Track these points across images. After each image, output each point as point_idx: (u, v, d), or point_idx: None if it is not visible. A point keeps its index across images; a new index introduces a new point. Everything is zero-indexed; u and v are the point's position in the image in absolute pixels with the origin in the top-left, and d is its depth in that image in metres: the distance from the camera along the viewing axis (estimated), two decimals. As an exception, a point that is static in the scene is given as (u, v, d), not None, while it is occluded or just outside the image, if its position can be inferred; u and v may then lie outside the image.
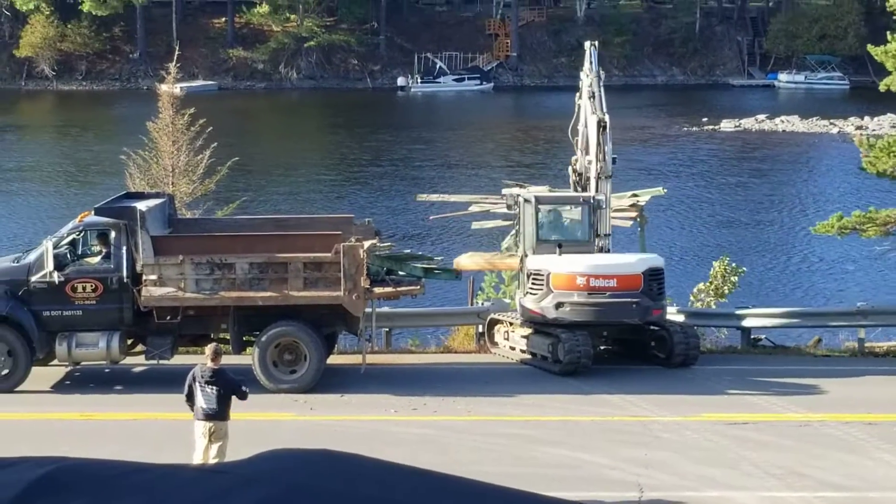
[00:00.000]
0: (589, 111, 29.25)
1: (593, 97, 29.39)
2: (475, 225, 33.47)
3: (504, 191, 31.55)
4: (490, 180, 63.98)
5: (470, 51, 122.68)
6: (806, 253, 50.48)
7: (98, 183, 63.66)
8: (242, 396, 19.35)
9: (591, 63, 30.23)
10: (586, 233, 28.28)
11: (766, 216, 59.69)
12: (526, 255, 28.06)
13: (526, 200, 28.31)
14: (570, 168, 31.14)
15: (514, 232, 29.89)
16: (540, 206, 28.24)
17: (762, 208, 61.79)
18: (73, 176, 71.91)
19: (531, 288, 27.58)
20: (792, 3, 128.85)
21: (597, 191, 28.44)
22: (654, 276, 27.56)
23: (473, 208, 31.83)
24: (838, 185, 68.07)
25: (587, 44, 31.01)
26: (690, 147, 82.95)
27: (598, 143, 28.46)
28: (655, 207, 59.68)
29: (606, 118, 28.80)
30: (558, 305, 26.95)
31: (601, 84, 29.71)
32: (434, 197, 35.77)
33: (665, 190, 34.85)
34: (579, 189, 29.87)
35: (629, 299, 27.09)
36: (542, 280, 27.29)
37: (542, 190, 31.58)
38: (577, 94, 30.95)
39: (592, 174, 28.58)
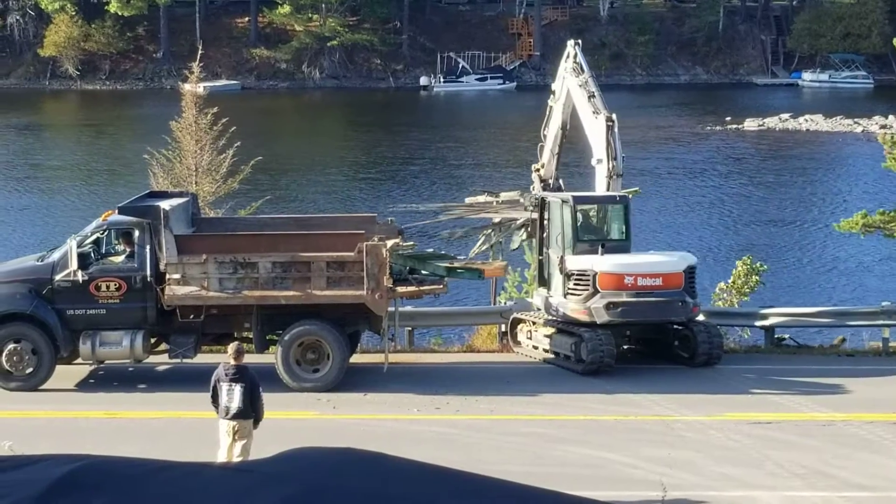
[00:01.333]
0: (589, 111, 29.12)
1: (593, 97, 29.28)
2: (446, 233, 33.51)
3: (468, 199, 31.52)
4: (516, 179, 63.96)
5: (493, 50, 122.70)
6: (830, 252, 50.33)
7: (122, 182, 63.86)
8: (258, 402, 19.20)
9: (577, 62, 30.07)
10: (623, 232, 28.14)
11: (790, 215, 59.53)
12: (563, 257, 27.67)
13: (564, 201, 27.94)
14: (534, 174, 30.98)
15: (523, 234, 29.92)
16: (578, 207, 28.00)
17: (786, 207, 61.62)
18: (97, 175, 72.14)
19: (573, 289, 27.25)
20: (816, 1, 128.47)
21: (608, 190, 28.37)
22: (690, 274, 27.63)
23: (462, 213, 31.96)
24: (862, 183, 67.82)
25: (570, 42, 30.81)
26: (714, 146, 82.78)
27: (608, 143, 28.36)
28: (679, 206, 59.69)
29: (614, 116, 28.76)
30: (609, 306, 26.74)
31: (596, 82, 29.70)
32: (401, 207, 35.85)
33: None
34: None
35: (675, 298, 27.14)
36: (588, 280, 27.02)
37: (513, 195, 31.49)
38: (552, 97, 30.79)
39: (603, 174, 28.46)
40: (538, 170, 31.02)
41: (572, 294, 27.24)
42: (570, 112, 30.23)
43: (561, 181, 30.84)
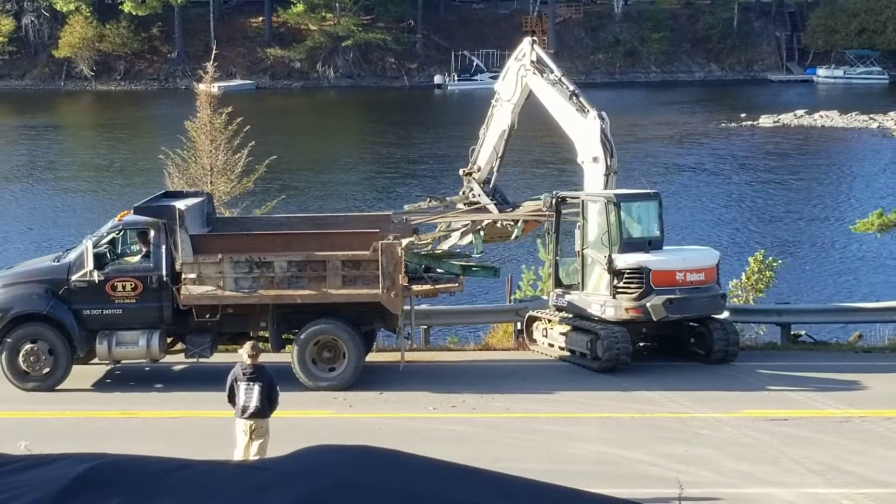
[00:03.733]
0: (572, 110, 28.93)
1: (576, 95, 29.12)
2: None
3: (406, 206, 31.21)
4: (524, 176, 63.88)
5: (507, 48, 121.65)
6: (845, 248, 50.20)
7: (137, 182, 63.95)
8: (275, 400, 19.21)
9: (534, 60, 29.87)
10: (658, 228, 28.05)
11: (806, 212, 59.39)
12: (610, 256, 27.09)
13: (608, 200, 27.58)
14: (467, 177, 30.57)
15: (549, 232, 29.71)
16: (623, 205, 27.67)
17: (801, 204, 61.49)
18: (112, 175, 72.25)
19: (624, 287, 26.97)
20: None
21: (605, 187, 28.24)
22: (717, 268, 27.84)
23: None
24: (878, 179, 67.68)
25: (527, 40, 30.53)
26: (729, 143, 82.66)
27: (603, 142, 28.22)
28: (692, 202, 59.58)
29: (603, 113, 28.69)
30: (667, 302, 26.66)
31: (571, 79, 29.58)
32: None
33: None
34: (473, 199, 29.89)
35: (715, 292, 27.46)
36: (642, 278, 26.89)
37: (458, 200, 31.21)
38: (496, 96, 30.54)
39: (601, 171, 28.31)
40: (469, 173, 30.58)
41: (623, 292, 27.07)
42: (518, 112, 30.08)
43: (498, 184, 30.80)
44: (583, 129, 28.78)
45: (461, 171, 31.01)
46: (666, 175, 66.44)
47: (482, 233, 29.97)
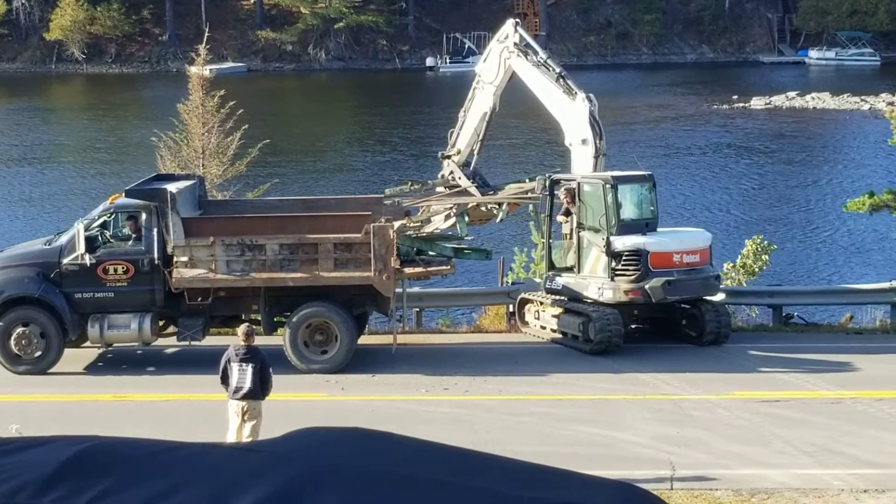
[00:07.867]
0: (559, 92, 28.85)
1: (563, 77, 29.07)
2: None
3: (387, 190, 31.15)
4: (518, 158, 63.86)
5: (498, 30, 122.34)
6: (837, 230, 50.25)
7: (128, 165, 63.83)
8: (268, 381, 19.24)
9: (518, 42, 29.84)
10: (653, 210, 28.02)
11: (798, 193, 59.41)
12: (609, 238, 27.01)
13: (605, 182, 27.39)
14: (446, 161, 30.48)
15: (542, 217, 29.64)
16: (619, 187, 27.55)
17: (793, 185, 61.50)
18: (104, 158, 72.09)
19: (622, 269, 26.93)
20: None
21: (594, 170, 28.20)
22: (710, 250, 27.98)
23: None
24: (869, 161, 67.69)
25: (510, 22, 30.58)
26: (721, 125, 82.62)
27: (592, 124, 28.19)
28: (684, 185, 59.58)
29: (591, 95, 28.64)
30: (666, 284, 26.66)
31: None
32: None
33: None
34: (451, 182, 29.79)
35: (711, 273, 27.58)
36: (639, 260, 26.86)
37: (439, 183, 31.11)
38: (478, 78, 30.48)
39: (590, 154, 28.27)
40: (448, 156, 30.48)
41: (621, 275, 27.06)
42: (500, 95, 30.02)
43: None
44: (571, 111, 28.71)
45: (440, 154, 30.94)
46: (657, 157, 66.40)
47: (467, 217, 29.89)
